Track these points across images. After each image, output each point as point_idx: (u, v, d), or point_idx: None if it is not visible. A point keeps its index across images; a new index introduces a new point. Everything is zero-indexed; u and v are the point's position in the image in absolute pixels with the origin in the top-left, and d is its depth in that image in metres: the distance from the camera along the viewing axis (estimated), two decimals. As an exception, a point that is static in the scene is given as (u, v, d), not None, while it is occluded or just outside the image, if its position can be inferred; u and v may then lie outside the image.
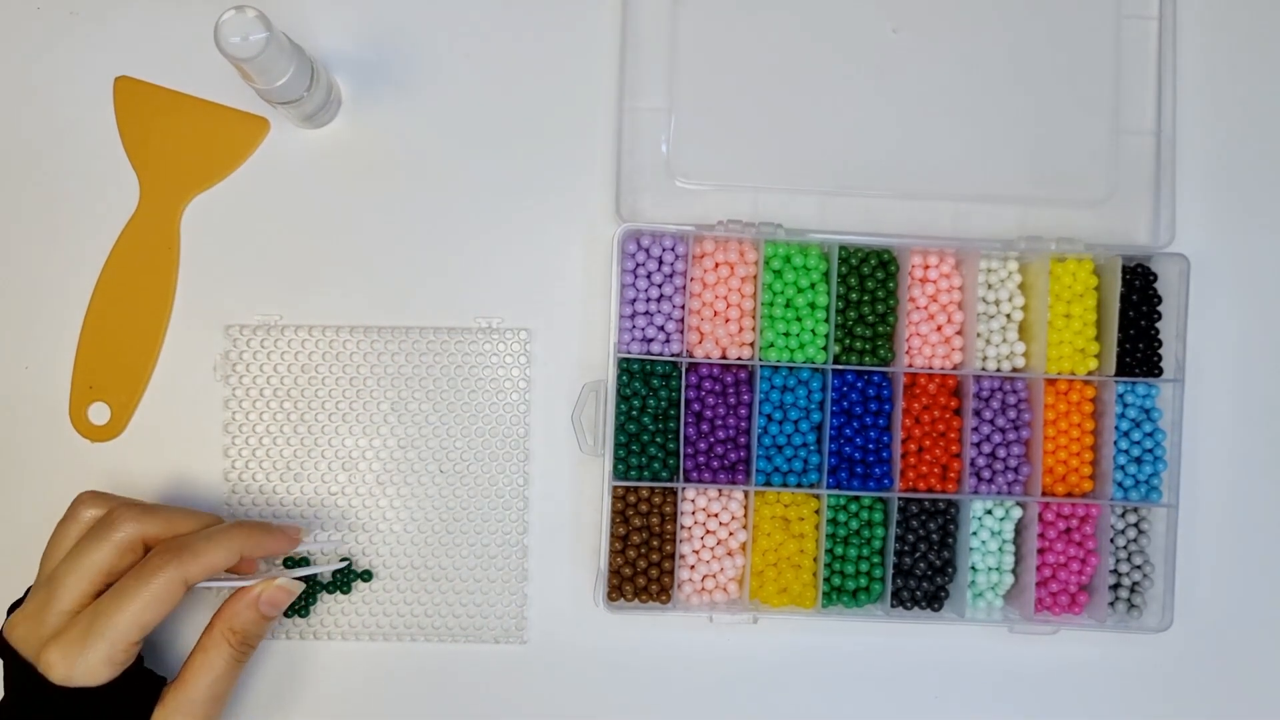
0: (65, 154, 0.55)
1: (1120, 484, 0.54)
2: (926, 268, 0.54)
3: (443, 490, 0.55)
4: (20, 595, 0.48)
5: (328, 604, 0.54)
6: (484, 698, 0.55)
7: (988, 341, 0.55)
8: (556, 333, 0.55)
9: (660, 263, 0.54)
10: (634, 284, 0.53)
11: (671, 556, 0.53)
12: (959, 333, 0.54)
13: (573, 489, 0.55)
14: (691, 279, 0.54)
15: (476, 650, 0.55)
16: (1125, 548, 0.55)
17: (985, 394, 0.54)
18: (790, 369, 0.54)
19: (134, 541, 0.46)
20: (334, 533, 0.54)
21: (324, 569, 0.53)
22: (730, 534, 0.54)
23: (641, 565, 0.53)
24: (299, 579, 0.50)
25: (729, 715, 0.55)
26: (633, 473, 0.53)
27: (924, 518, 0.54)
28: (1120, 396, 0.54)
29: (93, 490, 0.49)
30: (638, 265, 0.53)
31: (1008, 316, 0.55)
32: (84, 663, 0.44)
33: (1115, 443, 0.54)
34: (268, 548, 0.49)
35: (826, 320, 0.53)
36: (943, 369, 0.54)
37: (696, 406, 0.54)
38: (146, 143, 0.55)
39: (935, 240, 0.54)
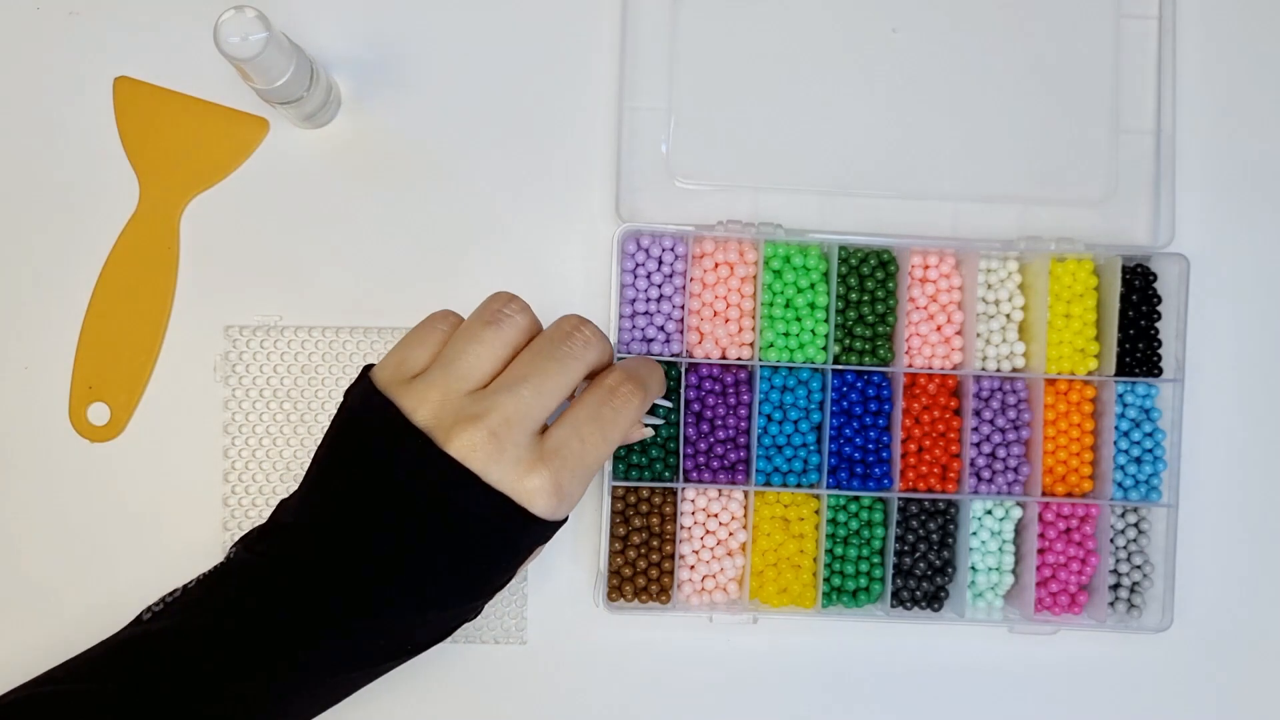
0: (65, 154, 0.55)
1: (1120, 484, 0.54)
2: (926, 268, 0.54)
3: (443, 490, 0.54)
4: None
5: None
6: (484, 698, 0.55)
7: (987, 341, 0.55)
8: (556, 333, 0.55)
9: (660, 263, 0.54)
10: (634, 284, 0.53)
11: (671, 556, 0.53)
12: (959, 333, 0.54)
13: (573, 489, 0.55)
14: (691, 279, 0.54)
15: (476, 650, 0.55)
16: (1125, 548, 0.55)
17: (985, 394, 0.54)
18: (790, 369, 0.54)
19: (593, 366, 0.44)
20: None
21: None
22: (730, 534, 0.54)
23: (641, 565, 0.53)
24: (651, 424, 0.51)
25: (729, 715, 0.55)
26: (633, 473, 0.53)
27: (924, 518, 0.54)
28: (1120, 396, 0.54)
29: (509, 293, 0.44)
30: (637, 265, 0.53)
31: (1007, 316, 0.55)
32: (571, 497, 0.41)
33: (1115, 443, 0.54)
34: (664, 388, 0.49)
35: (826, 320, 0.53)
36: (942, 369, 0.54)
37: (696, 406, 0.53)
38: (146, 143, 0.55)
39: (935, 240, 0.54)
